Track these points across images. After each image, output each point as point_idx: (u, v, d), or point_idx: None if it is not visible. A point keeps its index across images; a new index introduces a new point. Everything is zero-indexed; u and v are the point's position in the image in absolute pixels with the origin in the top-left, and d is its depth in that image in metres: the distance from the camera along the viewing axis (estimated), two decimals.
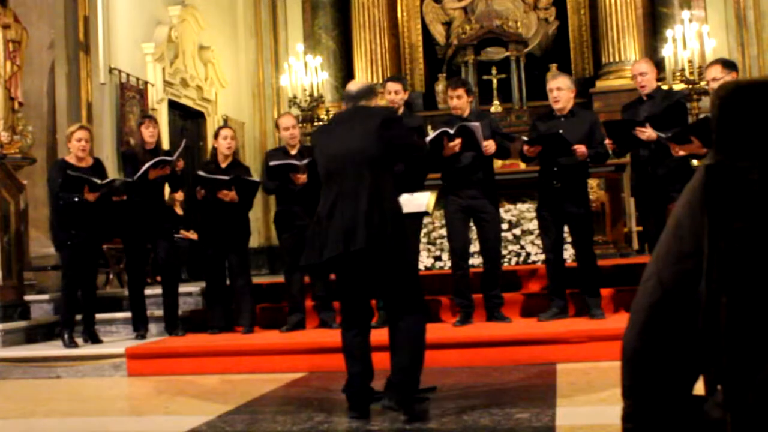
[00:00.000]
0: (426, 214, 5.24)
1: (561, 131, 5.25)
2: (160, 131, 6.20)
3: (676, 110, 5.25)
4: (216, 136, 6.17)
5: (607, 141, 5.45)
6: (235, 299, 6.09)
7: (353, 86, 3.88)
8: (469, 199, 5.43)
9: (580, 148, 5.23)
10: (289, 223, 5.88)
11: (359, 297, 3.63)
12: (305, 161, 5.63)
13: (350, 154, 3.54)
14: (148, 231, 5.99)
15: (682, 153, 5.00)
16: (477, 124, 5.31)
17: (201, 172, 5.96)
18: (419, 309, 3.55)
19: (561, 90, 5.42)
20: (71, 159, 5.83)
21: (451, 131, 5.20)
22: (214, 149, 6.14)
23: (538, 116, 6.19)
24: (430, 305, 5.88)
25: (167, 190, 6.68)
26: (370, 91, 3.83)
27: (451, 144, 5.22)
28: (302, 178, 5.67)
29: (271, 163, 5.80)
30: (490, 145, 5.32)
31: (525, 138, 5.41)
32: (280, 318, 6.08)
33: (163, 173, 5.86)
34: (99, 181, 5.66)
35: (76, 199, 5.60)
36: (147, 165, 5.76)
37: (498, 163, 7.60)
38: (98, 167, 5.92)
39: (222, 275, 6.09)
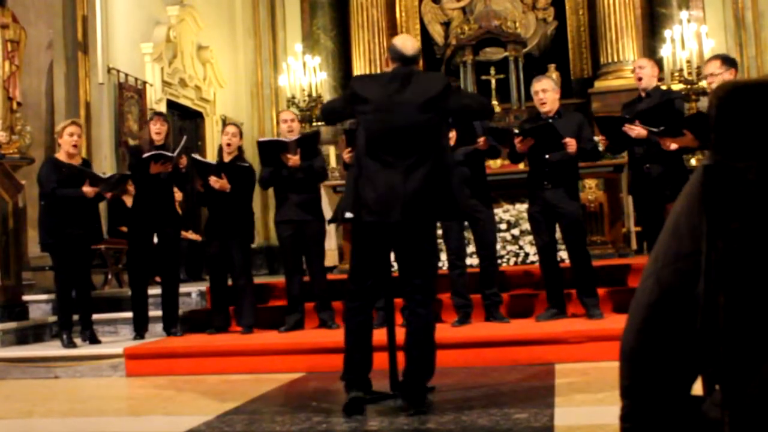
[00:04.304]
0: None
1: (552, 123, 5.28)
2: (170, 129, 6.16)
3: (665, 107, 5.24)
4: (222, 132, 6.25)
5: (600, 137, 5.46)
6: (236, 299, 6.07)
7: (408, 47, 3.69)
8: None
9: (571, 141, 5.24)
10: (286, 219, 5.86)
11: (377, 277, 3.64)
12: (296, 138, 5.68)
13: (402, 125, 3.51)
14: (153, 229, 5.98)
15: (674, 147, 4.98)
16: None
17: (196, 155, 6.04)
18: (432, 299, 3.70)
19: (546, 92, 5.43)
20: (62, 156, 5.76)
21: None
22: (221, 146, 6.18)
23: (524, 119, 6.21)
24: None
25: (178, 195, 6.67)
26: (418, 58, 3.79)
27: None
28: (294, 158, 5.65)
29: (260, 139, 5.93)
30: (483, 141, 5.32)
31: (516, 130, 5.40)
32: (279, 318, 6.08)
33: (164, 169, 5.83)
34: (102, 174, 5.65)
35: (76, 194, 5.58)
36: (146, 155, 5.75)
37: (497, 163, 7.61)
38: (87, 167, 5.90)
39: (224, 274, 6.10)
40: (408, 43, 3.74)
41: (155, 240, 6.09)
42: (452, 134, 5.20)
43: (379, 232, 3.53)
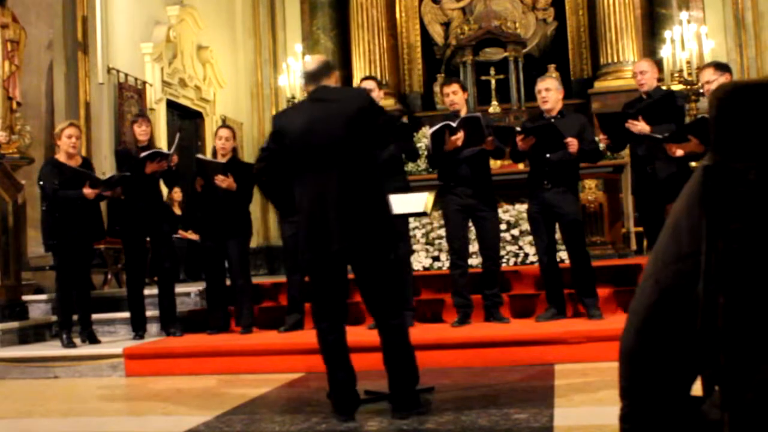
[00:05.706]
0: (424, 214, 5.25)
1: (553, 122, 5.29)
2: (153, 130, 6.19)
3: (665, 102, 5.24)
4: (215, 135, 6.22)
5: (601, 136, 5.46)
6: (234, 299, 6.08)
7: (311, 64, 3.70)
8: (468, 198, 5.43)
9: (573, 141, 5.24)
10: (291, 218, 5.86)
11: (340, 297, 3.58)
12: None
13: (327, 142, 3.43)
14: (146, 229, 5.98)
15: (680, 153, 4.99)
16: (479, 114, 5.34)
17: (200, 155, 6.01)
18: (402, 306, 3.64)
19: (549, 91, 5.44)
20: (61, 157, 5.76)
21: (454, 124, 5.21)
22: (214, 148, 6.17)
23: (527, 118, 6.21)
24: (429, 305, 5.89)
25: (165, 190, 6.67)
26: (328, 67, 3.67)
27: (453, 138, 5.22)
28: None
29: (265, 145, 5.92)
30: (490, 140, 5.32)
31: (518, 128, 5.41)
32: (278, 318, 6.08)
33: (159, 168, 5.84)
34: (102, 177, 5.65)
35: (77, 195, 5.58)
36: (143, 155, 5.76)
37: (497, 164, 7.61)
38: (87, 167, 5.90)
39: (222, 274, 6.09)
40: (310, 60, 3.83)
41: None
42: (460, 134, 5.21)
43: (325, 261, 3.48)
